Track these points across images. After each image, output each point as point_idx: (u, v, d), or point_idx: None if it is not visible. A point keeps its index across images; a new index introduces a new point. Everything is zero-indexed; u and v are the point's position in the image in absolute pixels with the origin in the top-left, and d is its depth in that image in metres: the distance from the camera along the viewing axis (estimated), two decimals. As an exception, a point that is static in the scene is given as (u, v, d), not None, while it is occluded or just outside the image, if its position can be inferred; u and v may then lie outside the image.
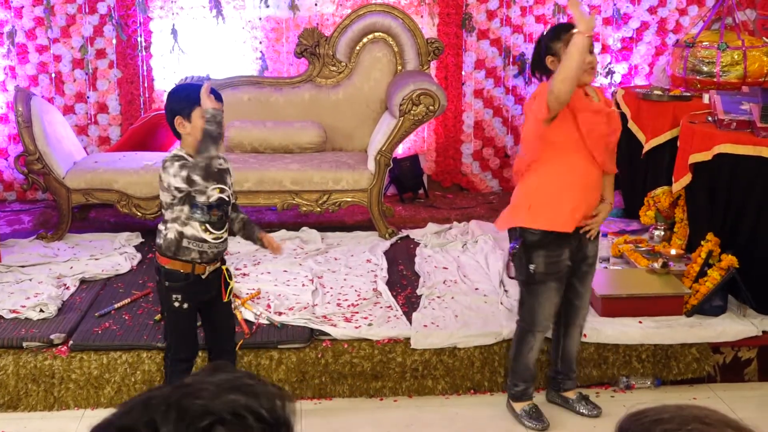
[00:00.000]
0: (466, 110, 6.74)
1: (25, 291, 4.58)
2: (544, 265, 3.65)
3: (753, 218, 4.45)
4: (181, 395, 1.05)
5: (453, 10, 6.58)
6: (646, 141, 5.48)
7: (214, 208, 3.34)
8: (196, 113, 3.30)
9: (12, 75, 6.48)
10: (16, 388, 4.00)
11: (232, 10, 6.52)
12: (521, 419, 3.87)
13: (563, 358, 3.95)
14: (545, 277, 3.67)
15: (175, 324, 3.51)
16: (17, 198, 6.60)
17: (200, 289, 3.44)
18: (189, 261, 3.37)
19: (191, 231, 3.33)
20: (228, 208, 3.42)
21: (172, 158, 3.32)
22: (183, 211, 3.33)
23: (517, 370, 3.87)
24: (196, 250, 3.36)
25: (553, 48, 3.53)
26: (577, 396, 3.99)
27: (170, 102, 3.40)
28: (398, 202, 6.44)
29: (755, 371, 4.28)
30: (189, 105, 3.31)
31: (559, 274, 3.69)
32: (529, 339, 3.81)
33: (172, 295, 3.42)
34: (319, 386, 4.09)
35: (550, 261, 3.64)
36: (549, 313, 3.76)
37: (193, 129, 3.30)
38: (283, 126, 5.95)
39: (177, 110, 3.33)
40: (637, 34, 6.74)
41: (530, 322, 3.78)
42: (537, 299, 3.73)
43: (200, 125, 3.26)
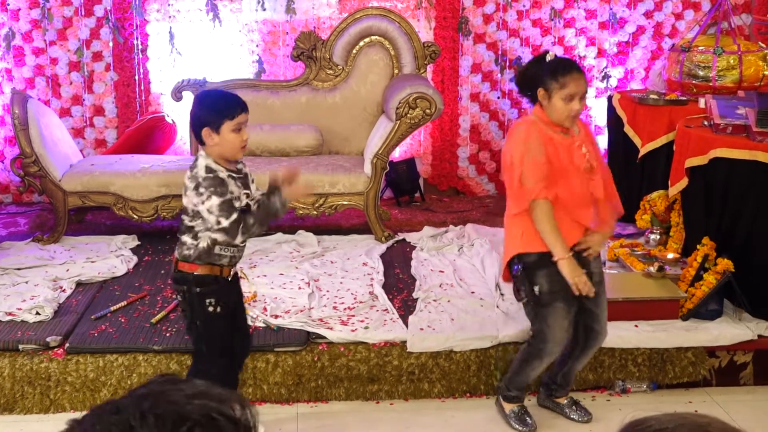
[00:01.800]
0: (462, 114, 6.75)
1: (22, 293, 4.58)
2: (548, 284, 3.61)
3: (749, 222, 4.46)
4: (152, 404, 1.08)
5: (449, 14, 6.59)
6: (642, 145, 5.50)
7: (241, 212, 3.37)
8: (226, 127, 3.27)
9: (8, 77, 6.47)
10: (12, 391, 3.99)
11: (228, 13, 6.53)
12: (509, 419, 3.88)
13: (566, 373, 3.91)
14: (551, 296, 3.61)
15: (212, 330, 3.45)
16: (13, 200, 6.59)
17: (229, 291, 3.47)
18: (218, 265, 3.38)
19: (223, 237, 3.31)
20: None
21: (207, 177, 3.27)
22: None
23: (514, 380, 3.87)
24: (227, 256, 3.38)
25: (548, 85, 3.52)
26: (569, 401, 3.98)
27: (200, 111, 3.36)
28: (395, 206, 6.44)
29: (751, 375, 4.28)
30: (219, 117, 3.27)
31: (565, 294, 3.60)
32: (536, 362, 3.78)
33: (206, 300, 3.38)
34: (315, 389, 4.09)
35: (553, 279, 3.59)
36: (560, 338, 3.68)
37: (222, 141, 3.28)
38: (279, 129, 5.95)
39: (206, 121, 3.28)
40: (633, 38, 6.75)
41: (540, 349, 3.72)
42: (546, 323, 3.66)
43: (230, 139, 3.27)
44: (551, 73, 3.53)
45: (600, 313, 3.75)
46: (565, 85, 3.49)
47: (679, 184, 4.79)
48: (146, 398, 1.09)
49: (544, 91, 3.53)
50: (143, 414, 1.06)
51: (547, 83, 3.52)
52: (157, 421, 1.05)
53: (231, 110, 3.30)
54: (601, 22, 6.71)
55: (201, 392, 1.11)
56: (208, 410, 1.08)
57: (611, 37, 6.73)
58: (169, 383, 1.13)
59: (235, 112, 3.30)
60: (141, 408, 1.07)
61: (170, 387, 1.11)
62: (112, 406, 1.10)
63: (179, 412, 1.06)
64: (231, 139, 3.29)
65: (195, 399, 1.09)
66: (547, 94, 3.53)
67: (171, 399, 1.09)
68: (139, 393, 1.11)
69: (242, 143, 3.32)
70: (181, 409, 1.07)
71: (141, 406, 1.07)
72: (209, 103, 3.39)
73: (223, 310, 3.43)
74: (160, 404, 1.07)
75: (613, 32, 6.72)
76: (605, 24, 6.71)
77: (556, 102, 3.51)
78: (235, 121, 3.29)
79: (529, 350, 3.77)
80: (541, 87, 3.54)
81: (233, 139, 3.30)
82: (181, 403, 1.08)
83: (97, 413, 1.10)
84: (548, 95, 3.52)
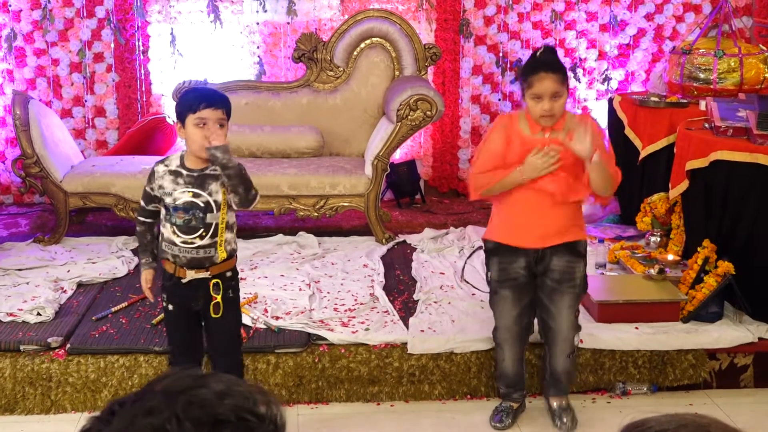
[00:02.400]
0: (463, 116, 6.76)
1: (23, 294, 4.58)
2: (497, 272, 3.74)
3: (749, 225, 4.46)
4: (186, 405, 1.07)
5: (450, 16, 6.59)
6: (642, 147, 5.50)
7: (179, 210, 3.31)
8: (190, 120, 3.27)
9: (10, 78, 6.48)
10: (13, 392, 4.00)
11: (229, 14, 6.53)
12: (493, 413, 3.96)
13: (550, 372, 3.92)
14: (499, 284, 3.75)
15: (166, 326, 3.56)
16: (14, 201, 6.60)
17: (184, 294, 3.40)
18: (172, 262, 3.38)
19: (166, 233, 3.36)
20: (205, 215, 3.31)
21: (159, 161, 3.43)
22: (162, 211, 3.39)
23: (498, 375, 3.97)
24: (169, 253, 3.37)
25: (521, 83, 3.62)
26: (558, 408, 3.92)
27: (176, 105, 3.43)
28: (395, 207, 6.44)
29: (751, 378, 4.29)
30: (184, 110, 3.28)
31: (513, 283, 3.72)
32: (499, 353, 3.89)
33: (162, 293, 3.47)
34: (315, 391, 4.09)
35: (502, 267, 3.72)
36: (506, 325, 3.80)
37: (187, 136, 3.30)
38: (280, 131, 5.96)
39: (177, 114, 3.33)
40: (634, 40, 6.76)
41: (494, 335, 3.89)
42: (495, 309, 3.83)
43: (192, 134, 3.26)
44: (522, 71, 3.64)
45: (556, 313, 3.74)
46: (531, 84, 3.55)
47: (679, 186, 4.79)
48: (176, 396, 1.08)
49: (522, 95, 3.64)
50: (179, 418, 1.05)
51: (521, 81, 3.63)
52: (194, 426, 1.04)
53: (196, 103, 3.26)
54: (601, 24, 6.71)
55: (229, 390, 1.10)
56: (239, 410, 1.07)
57: (612, 39, 6.73)
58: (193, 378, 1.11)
59: (198, 105, 3.25)
60: (174, 410, 1.05)
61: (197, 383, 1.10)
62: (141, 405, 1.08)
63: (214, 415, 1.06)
64: (192, 134, 3.26)
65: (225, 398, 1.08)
66: (522, 91, 3.62)
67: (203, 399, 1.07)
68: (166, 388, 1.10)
69: (204, 139, 3.25)
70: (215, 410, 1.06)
71: (173, 407, 1.06)
72: (181, 97, 3.42)
73: (174, 309, 3.43)
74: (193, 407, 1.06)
75: (613, 35, 6.73)
76: (606, 26, 6.71)
77: (528, 100, 3.60)
78: (197, 115, 3.24)
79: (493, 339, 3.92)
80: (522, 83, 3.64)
81: (194, 134, 3.26)
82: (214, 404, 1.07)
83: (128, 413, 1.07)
84: (522, 93, 3.62)
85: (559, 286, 3.71)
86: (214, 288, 3.38)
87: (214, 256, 3.36)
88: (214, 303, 3.38)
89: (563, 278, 3.71)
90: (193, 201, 3.31)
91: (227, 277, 3.43)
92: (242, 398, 1.09)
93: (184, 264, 3.35)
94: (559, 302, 3.73)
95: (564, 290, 3.72)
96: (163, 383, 1.11)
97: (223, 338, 3.50)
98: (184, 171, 3.34)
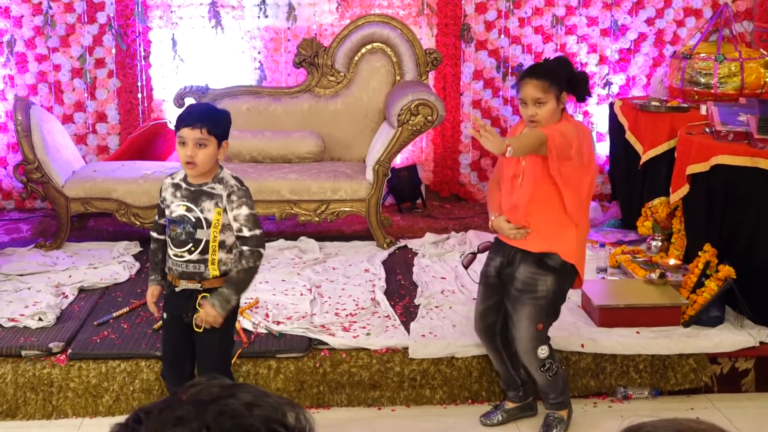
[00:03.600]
0: (464, 120, 6.76)
1: (24, 299, 4.59)
2: (482, 266, 3.90)
3: (750, 229, 4.46)
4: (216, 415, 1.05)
5: (451, 21, 6.60)
6: (643, 152, 5.50)
7: (174, 223, 3.31)
8: (177, 139, 3.31)
9: (11, 84, 6.49)
10: (15, 397, 4.00)
11: (231, 20, 6.54)
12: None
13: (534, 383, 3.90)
14: (480, 276, 3.90)
15: (162, 335, 3.59)
16: (16, 207, 6.61)
17: (177, 303, 3.39)
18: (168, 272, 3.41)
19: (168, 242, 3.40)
20: (194, 231, 3.29)
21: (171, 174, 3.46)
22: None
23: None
24: (168, 263, 3.40)
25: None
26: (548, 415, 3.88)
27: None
28: (396, 212, 6.45)
29: (752, 382, 4.29)
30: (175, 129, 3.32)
31: (485, 280, 3.85)
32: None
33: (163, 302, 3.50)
34: (317, 395, 4.10)
35: (485, 262, 3.88)
36: (476, 317, 3.92)
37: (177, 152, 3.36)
38: (281, 136, 5.96)
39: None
40: (635, 45, 6.76)
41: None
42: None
43: (177, 151, 3.31)
44: (520, 76, 3.75)
45: (516, 319, 3.72)
46: (519, 89, 3.69)
47: (680, 190, 4.79)
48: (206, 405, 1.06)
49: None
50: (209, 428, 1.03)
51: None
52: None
53: (177, 122, 3.30)
54: (602, 29, 6.72)
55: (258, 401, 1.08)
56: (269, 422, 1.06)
57: (613, 44, 6.74)
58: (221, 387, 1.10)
59: (179, 124, 3.29)
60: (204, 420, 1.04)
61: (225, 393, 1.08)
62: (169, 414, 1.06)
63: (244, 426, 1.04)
64: (178, 151, 3.32)
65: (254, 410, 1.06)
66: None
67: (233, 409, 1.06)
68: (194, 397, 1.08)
69: (185, 158, 3.26)
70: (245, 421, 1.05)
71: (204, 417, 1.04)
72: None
73: (168, 317, 3.44)
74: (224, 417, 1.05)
75: (614, 39, 6.73)
76: (607, 31, 6.72)
77: (519, 107, 3.73)
78: (178, 134, 3.28)
79: None
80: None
81: (179, 152, 3.30)
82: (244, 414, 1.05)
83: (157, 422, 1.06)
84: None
85: (520, 296, 3.70)
86: (202, 300, 3.33)
87: (205, 273, 3.32)
88: (193, 315, 3.33)
89: (525, 289, 3.68)
90: (185, 215, 3.31)
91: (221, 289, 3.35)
92: (271, 409, 1.08)
93: (177, 276, 3.36)
94: (520, 312, 3.71)
95: (524, 301, 3.69)
96: (190, 392, 1.10)
97: (209, 352, 3.40)
98: (184, 185, 3.36)
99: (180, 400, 1.08)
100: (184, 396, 1.09)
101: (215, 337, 3.36)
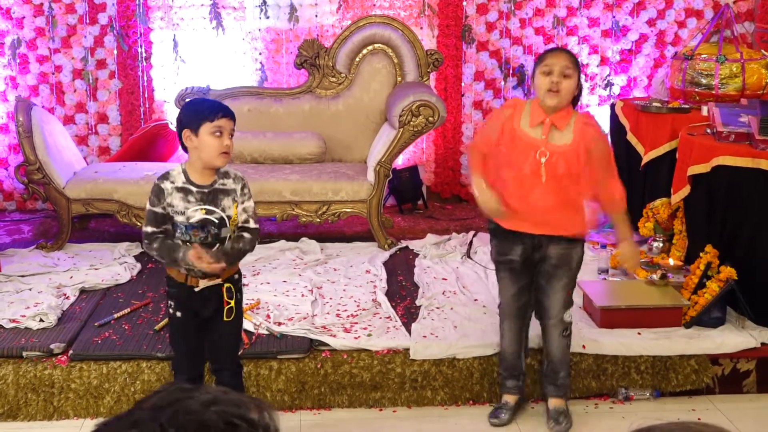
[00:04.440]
0: (465, 121, 6.76)
1: (25, 300, 4.59)
2: (495, 253, 3.90)
3: (751, 230, 4.46)
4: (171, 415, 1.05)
5: (452, 22, 6.60)
6: (644, 153, 5.50)
7: (195, 228, 3.29)
8: (205, 129, 3.27)
9: (13, 85, 6.49)
10: (16, 398, 4.00)
11: (232, 21, 6.55)
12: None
13: (547, 358, 3.97)
14: (497, 264, 3.91)
15: (172, 332, 3.54)
16: (17, 208, 6.61)
17: (195, 301, 3.39)
18: (184, 272, 3.37)
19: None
20: (219, 231, 3.31)
21: (155, 182, 3.33)
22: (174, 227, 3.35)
23: (500, 357, 4.05)
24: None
25: (535, 66, 3.76)
26: (554, 410, 3.94)
27: (181, 113, 3.39)
28: (397, 213, 6.45)
29: (754, 383, 4.28)
30: (199, 119, 3.28)
31: (508, 266, 3.84)
32: (502, 327, 3.98)
33: (169, 301, 3.45)
34: (318, 396, 4.10)
35: (498, 251, 3.87)
36: (506, 300, 3.92)
37: (200, 144, 3.28)
38: (282, 137, 5.96)
39: (186, 123, 3.31)
40: (636, 46, 6.76)
41: (499, 309, 4.00)
42: (499, 284, 3.96)
43: (208, 142, 3.26)
44: (538, 58, 3.78)
45: (550, 291, 3.83)
46: (543, 59, 3.70)
47: (681, 191, 4.79)
48: (162, 409, 1.06)
49: (533, 76, 3.76)
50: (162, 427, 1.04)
51: (535, 66, 3.75)
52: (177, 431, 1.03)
53: (212, 113, 3.29)
54: (603, 30, 6.72)
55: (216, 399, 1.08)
56: (227, 416, 1.06)
57: (614, 45, 6.74)
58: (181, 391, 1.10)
59: (215, 115, 3.28)
60: (159, 420, 1.04)
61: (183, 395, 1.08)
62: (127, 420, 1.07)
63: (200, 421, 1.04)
64: (208, 142, 3.27)
65: (212, 406, 1.06)
66: (533, 75, 3.74)
67: (188, 408, 1.06)
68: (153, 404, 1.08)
69: (222, 149, 3.28)
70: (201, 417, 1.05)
71: (159, 418, 1.05)
72: (191, 105, 3.42)
73: (184, 316, 3.42)
74: (178, 415, 1.05)
75: (615, 40, 6.73)
76: (608, 32, 6.72)
77: (537, 77, 3.70)
78: (214, 124, 3.27)
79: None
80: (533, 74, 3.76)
81: (211, 143, 3.27)
82: (200, 411, 1.05)
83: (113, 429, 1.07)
84: (533, 75, 3.74)
85: (555, 270, 3.81)
86: (228, 293, 3.40)
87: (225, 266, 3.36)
88: (228, 308, 3.41)
89: (560, 263, 3.80)
90: (206, 218, 3.29)
91: (236, 279, 3.46)
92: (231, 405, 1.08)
93: (199, 276, 3.35)
94: (556, 284, 3.83)
95: (561, 274, 3.82)
96: (151, 401, 1.10)
97: (231, 339, 3.54)
98: (194, 187, 3.30)
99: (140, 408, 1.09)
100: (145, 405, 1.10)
101: (239, 324, 3.54)
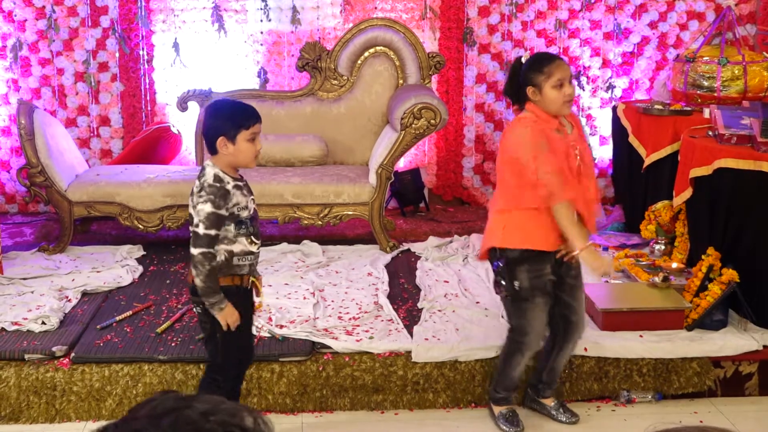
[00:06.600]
0: (467, 124, 6.76)
1: (27, 303, 4.59)
2: (528, 281, 3.67)
3: (753, 232, 4.46)
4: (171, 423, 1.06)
5: (454, 25, 6.60)
6: (646, 155, 5.50)
7: (253, 220, 3.42)
8: (242, 136, 3.31)
9: (15, 88, 6.50)
10: (18, 401, 4.00)
11: (233, 23, 6.55)
12: (498, 421, 3.92)
13: (550, 370, 3.95)
14: (531, 292, 3.68)
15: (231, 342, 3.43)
16: (19, 210, 6.61)
17: (246, 300, 3.48)
18: (239, 275, 3.40)
19: (240, 247, 3.35)
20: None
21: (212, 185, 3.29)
22: (229, 230, 3.33)
23: (501, 380, 3.92)
24: (246, 265, 3.39)
25: (535, 80, 3.59)
26: (555, 403, 4.00)
27: (216, 120, 3.36)
28: (399, 216, 6.44)
29: (756, 386, 4.28)
30: (236, 127, 3.31)
31: (544, 289, 3.70)
32: (518, 357, 3.83)
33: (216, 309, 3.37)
34: (320, 399, 4.09)
35: (533, 276, 3.67)
36: (539, 331, 3.77)
37: (237, 151, 3.32)
38: (284, 139, 5.97)
39: (222, 131, 3.31)
40: (638, 48, 6.76)
41: (520, 342, 3.79)
42: (525, 317, 3.73)
43: (245, 148, 3.32)
44: (535, 67, 3.61)
45: (577, 306, 3.83)
46: (551, 73, 3.57)
47: (683, 194, 4.79)
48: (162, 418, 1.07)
49: (533, 88, 3.60)
50: None
51: (534, 79, 3.59)
52: None
53: (247, 120, 3.35)
54: (605, 32, 6.72)
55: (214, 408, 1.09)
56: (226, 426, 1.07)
57: (616, 47, 6.74)
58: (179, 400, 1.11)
59: (250, 122, 3.36)
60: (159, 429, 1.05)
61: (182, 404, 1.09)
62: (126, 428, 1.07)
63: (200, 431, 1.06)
64: (246, 148, 3.34)
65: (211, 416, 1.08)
66: (537, 89, 3.59)
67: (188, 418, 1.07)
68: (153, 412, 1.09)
69: (256, 152, 3.39)
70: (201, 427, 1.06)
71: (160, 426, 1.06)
72: (226, 112, 3.40)
73: (242, 320, 3.43)
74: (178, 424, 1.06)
75: (617, 43, 6.73)
76: (610, 34, 6.72)
77: (547, 92, 3.58)
78: (250, 131, 3.34)
79: (509, 345, 3.85)
80: (529, 85, 3.60)
81: (248, 149, 3.34)
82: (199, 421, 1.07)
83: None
84: (539, 89, 3.59)
85: (577, 281, 3.81)
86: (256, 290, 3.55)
87: None
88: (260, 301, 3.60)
89: (578, 271, 3.81)
90: (255, 208, 3.47)
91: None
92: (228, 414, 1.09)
93: (253, 272, 3.47)
94: (580, 293, 3.84)
95: (581, 282, 3.84)
96: (146, 408, 1.11)
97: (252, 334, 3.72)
98: (240, 182, 3.40)
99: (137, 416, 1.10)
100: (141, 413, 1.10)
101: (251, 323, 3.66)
